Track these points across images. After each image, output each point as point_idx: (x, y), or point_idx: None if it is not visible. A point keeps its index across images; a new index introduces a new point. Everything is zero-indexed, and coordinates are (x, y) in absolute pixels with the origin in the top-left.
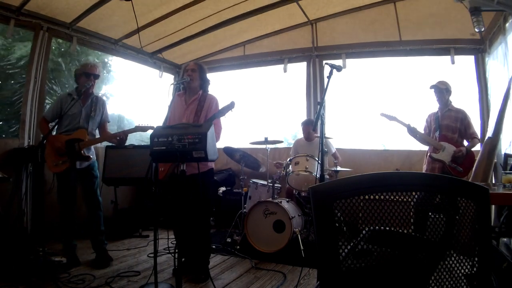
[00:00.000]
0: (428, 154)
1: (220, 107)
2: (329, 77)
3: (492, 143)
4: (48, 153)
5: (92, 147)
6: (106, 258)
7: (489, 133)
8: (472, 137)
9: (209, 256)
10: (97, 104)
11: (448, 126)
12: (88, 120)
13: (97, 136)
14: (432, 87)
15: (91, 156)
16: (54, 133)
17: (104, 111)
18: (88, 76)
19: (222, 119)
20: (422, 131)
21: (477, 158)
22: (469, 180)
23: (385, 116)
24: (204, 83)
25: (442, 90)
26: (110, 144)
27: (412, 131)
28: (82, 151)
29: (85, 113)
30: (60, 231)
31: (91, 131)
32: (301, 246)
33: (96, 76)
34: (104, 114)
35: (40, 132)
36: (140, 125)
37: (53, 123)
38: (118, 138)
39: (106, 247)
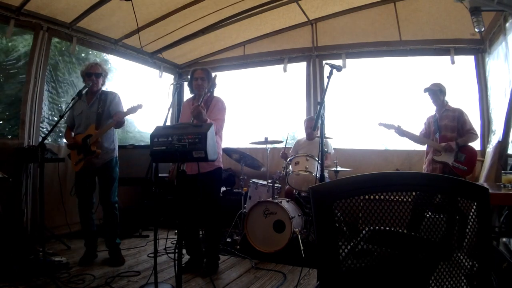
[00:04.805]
0: (429, 155)
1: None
2: (329, 77)
3: (502, 146)
4: (72, 154)
5: (116, 147)
6: (118, 258)
7: (498, 137)
8: (469, 133)
9: (218, 249)
10: (105, 99)
11: (447, 126)
12: (97, 117)
13: None
14: (425, 90)
15: (99, 151)
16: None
17: (111, 104)
18: (89, 76)
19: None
20: (418, 133)
21: (489, 163)
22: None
23: (384, 126)
24: (211, 86)
25: (436, 92)
26: None
27: (401, 132)
28: (92, 146)
29: (92, 111)
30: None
31: (101, 126)
32: (301, 246)
33: (98, 75)
34: (111, 107)
35: (68, 142)
36: (132, 106)
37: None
38: (114, 122)
39: (119, 246)
